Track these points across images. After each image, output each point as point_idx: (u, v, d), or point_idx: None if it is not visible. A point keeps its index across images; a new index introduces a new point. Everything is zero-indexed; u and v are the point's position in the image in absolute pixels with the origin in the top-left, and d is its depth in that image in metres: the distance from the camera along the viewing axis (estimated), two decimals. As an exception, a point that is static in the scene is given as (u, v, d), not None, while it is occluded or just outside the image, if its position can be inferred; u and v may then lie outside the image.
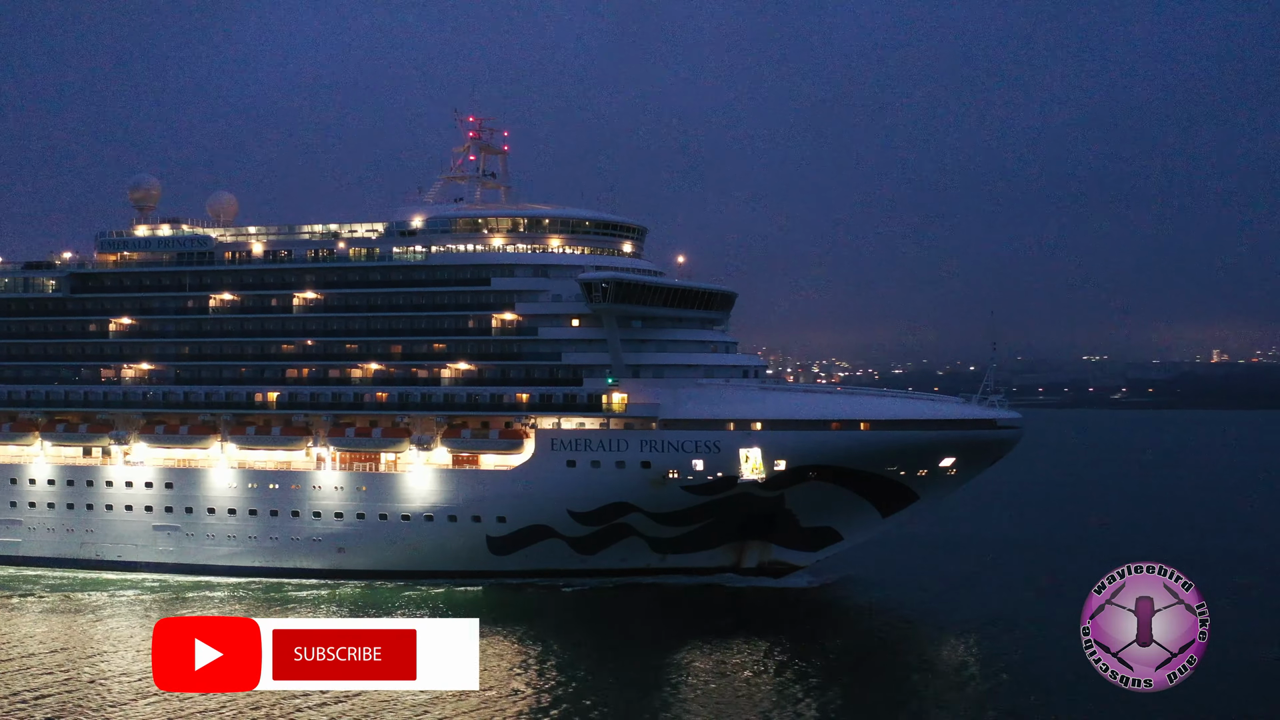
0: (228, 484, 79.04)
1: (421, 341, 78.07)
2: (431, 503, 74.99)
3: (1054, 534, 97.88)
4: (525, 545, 74.36)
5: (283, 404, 79.83)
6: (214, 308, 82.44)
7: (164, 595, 74.01)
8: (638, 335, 75.43)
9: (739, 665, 57.03)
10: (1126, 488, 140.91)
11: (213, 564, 78.91)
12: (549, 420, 74.83)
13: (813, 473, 72.25)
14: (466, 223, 78.81)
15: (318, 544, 76.78)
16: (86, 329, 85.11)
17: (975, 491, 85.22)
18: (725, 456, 71.58)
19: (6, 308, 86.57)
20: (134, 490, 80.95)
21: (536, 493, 73.44)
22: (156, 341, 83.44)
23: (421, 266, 78.27)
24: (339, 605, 70.29)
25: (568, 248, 78.41)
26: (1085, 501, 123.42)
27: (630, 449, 72.51)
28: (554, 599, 72.04)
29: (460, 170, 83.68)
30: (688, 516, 73.50)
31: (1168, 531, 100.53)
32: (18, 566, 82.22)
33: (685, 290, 76.68)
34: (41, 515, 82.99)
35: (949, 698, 52.99)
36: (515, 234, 78.40)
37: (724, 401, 73.49)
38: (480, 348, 77.03)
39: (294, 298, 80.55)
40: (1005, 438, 74.89)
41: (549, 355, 75.71)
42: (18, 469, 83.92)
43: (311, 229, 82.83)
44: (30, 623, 66.60)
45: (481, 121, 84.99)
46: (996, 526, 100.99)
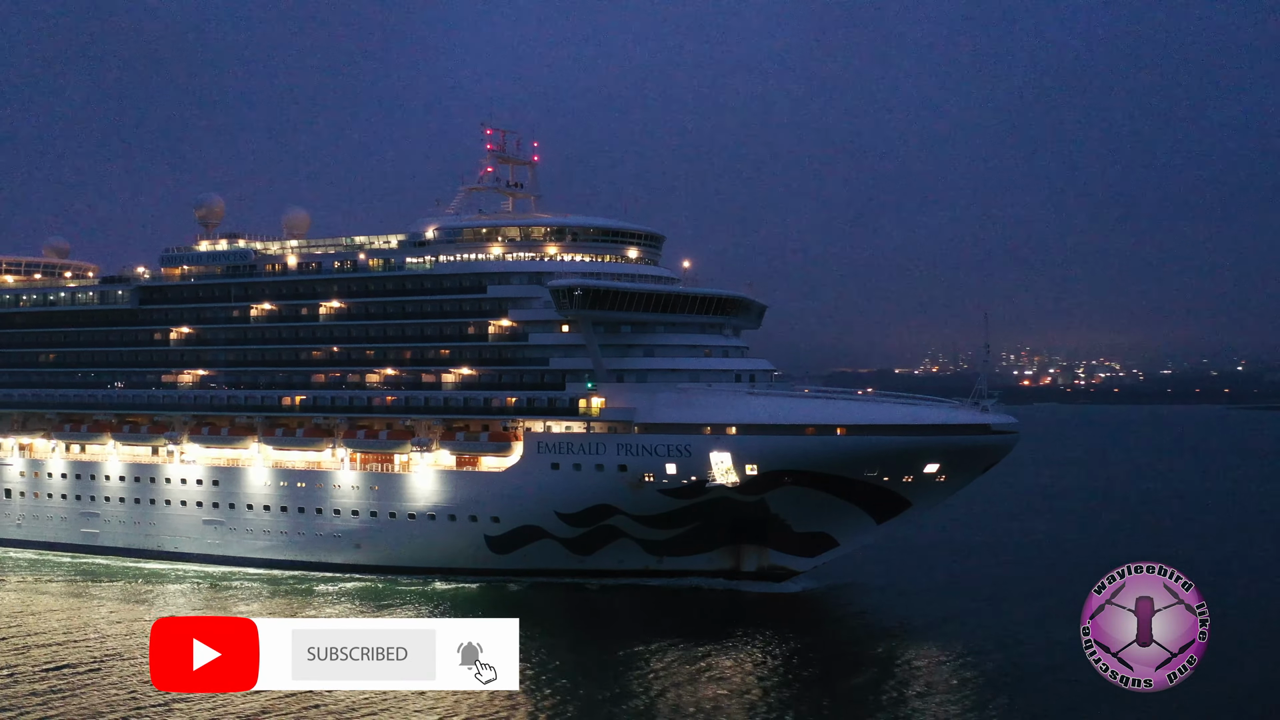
0: (262, 482, 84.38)
1: (429, 347, 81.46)
2: (434, 502, 78.16)
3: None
4: (522, 545, 76.55)
5: (306, 407, 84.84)
6: (254, 317, 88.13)
7: (207, 585, 79.57)
8: (624, 340, 76.60)
9: (717, 669, 57.14)
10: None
11: (250, 556, 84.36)
12: (538, 424, 76.84)
13: (787, 478, 71.75)
14: (471, 232, 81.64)
15: (338, 540, 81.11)
16: (151, 337, 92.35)
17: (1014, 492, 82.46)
18: (696, 460, 71.93)
19: (89, 318, 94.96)
20: (187, 487, 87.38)
21: (526, 494, 75.59)
22: (208, 349, 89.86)
23: (429, 275, 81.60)
24: (359, 600, 73.54)
25: (568, 255, 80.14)
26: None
27: (608, 452, 73.75)
28: (553, 596, 74.12)
29: (481, 181, 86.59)
30: (671, 520, 74.16)
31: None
32: (95, 555, 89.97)
33: (672, 296, 77.08)
34: (115, 509, 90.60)
35: (948, 698, 52.42)
36: (514, 243, 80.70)
37: (700, 406, 73.75)
38: (478, 353, 79.83)
39: (320, 307, 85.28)
40: (996, 443, 72.58)
41: (538, 360, 77.78)
42: (95, 466, 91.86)
43: (338, 241, 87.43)
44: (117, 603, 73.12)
45: (505, 134, 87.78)
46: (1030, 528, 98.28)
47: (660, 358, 76.61)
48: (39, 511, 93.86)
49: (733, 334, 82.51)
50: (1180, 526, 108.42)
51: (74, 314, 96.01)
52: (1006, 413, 74.55)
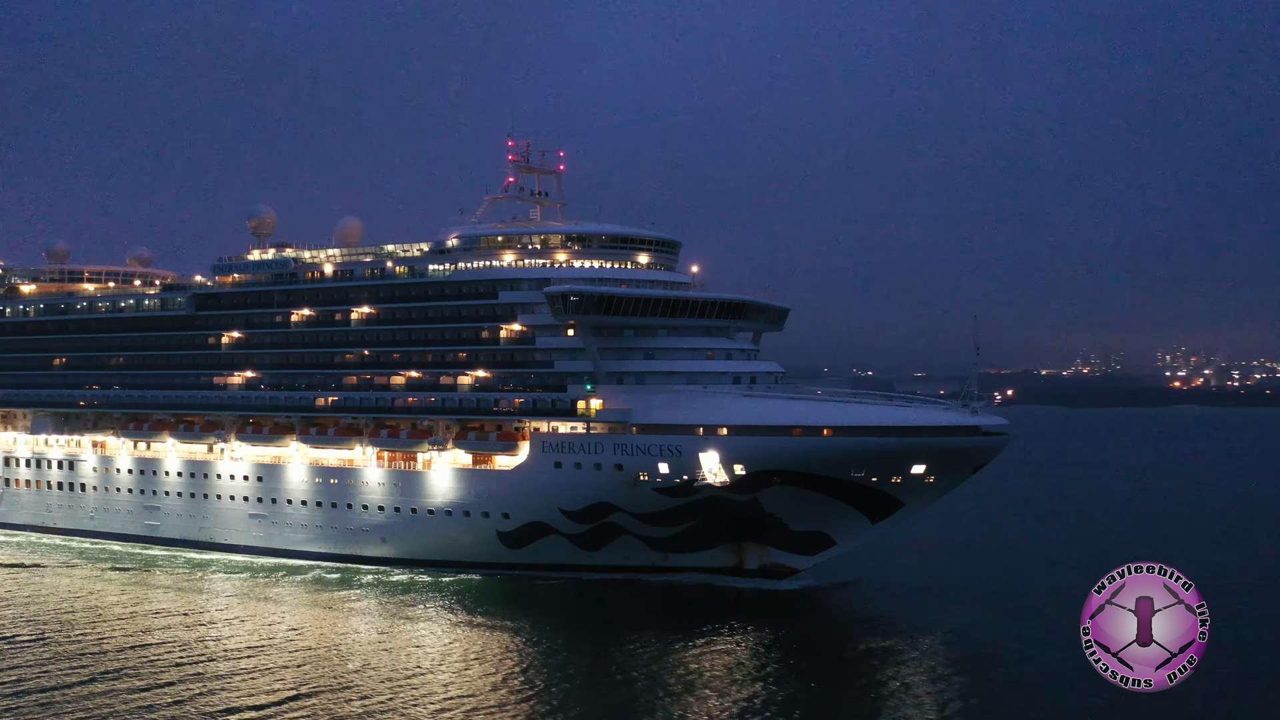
0: (300, 479, 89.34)
1: (447, 350, 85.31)
2: (451, 499, 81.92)
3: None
4: (532, 540, 79.78)
5: (338, 407, 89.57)
6: (294, 322, 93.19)
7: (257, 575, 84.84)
8: (626, 344, 79.22)
9: (716, 665, 58.71)
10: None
11: (291, 549, 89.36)
12: (544, 424, 79.98)
13: (777, 478, 73.47)
14: (488, 240, 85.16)
15: (366, 534, 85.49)
16: (206, 342, 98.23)
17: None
18: (686, 460, 74.15)
19: (151, 323, 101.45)
20: (235, 482, 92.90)
21: (532, 491, 78.83)
22: (255, 352, 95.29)
23: (448, 282, 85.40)
24: (384, 592, 77.18)
25: (579, 261, 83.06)
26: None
27: (605, 452, 76.49)
28: (559, 591, 77.46)
29: (505, 191, 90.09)
30: (669, 517, 76.52)
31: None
32: (156, 546, 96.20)
33: (672, 300, 79.33)
34: (173, 503, 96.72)
35: (946, 698, 53.27)
36: (529, 250, 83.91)
37: (694, 407, 75.90)
38: (492, 356, 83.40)
39: (352, 312, 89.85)
40: (983, 445, 73.21)
41: (544, 363, 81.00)
42: (157, 462, 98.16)
43: (370, 249, 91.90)
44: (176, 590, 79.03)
45: (529, 144, 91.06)
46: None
47: (660, 360, 79.05)
48: (108, 505, 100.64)
49: (748, 337, 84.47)
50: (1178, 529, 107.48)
51: (138, 320, 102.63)
52: (996, 414, 75.07)
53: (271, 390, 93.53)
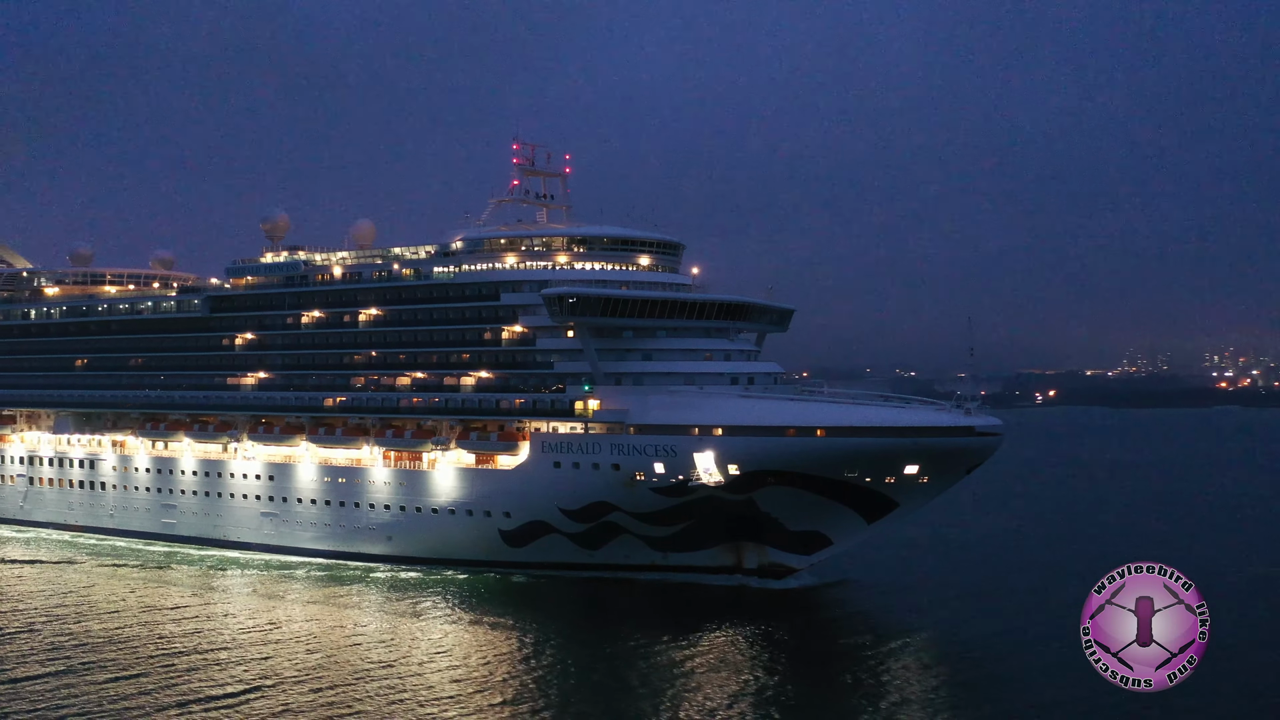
0: (309, 478, 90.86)
1: (451, 352, 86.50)
2: (454, 498, 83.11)
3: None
4: (533, 539, 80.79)
5: (345, 407, 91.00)
6: (305, 324, 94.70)
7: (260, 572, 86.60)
8: (624, 345, 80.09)
9: (715, 663, 59.46)
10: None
11: (300, 546, 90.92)
12: (543, 424, 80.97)
13: (771, 478, 74.05)
14: (491, 243, 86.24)
15: (373, 532, 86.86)
16: (220, 343, 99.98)
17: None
18: (681, 460, 74.88)
19: (167, 325, 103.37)
20: (247, 481, 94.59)
21: (532, 490, 79.87)
22: (267, 354, 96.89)
23: (452, 284, 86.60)
24: (391, 590, 78.42)
25: (580, 264, 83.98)
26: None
27: (602, 452, 77.37)
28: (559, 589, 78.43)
29: (510, 193, 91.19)
30: (666, 517, 77.27)
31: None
32: (173, 544, 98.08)
33: (670, 301, 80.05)
34: (189, 501, 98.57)
35: (944, 699, 53.69)
36: (531, 253, 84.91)
37: (690, 408, 76.61)
38: (494, 357, 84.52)
39: (360, 314, 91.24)
40: (976, 445, 73.44)
41: (544, 364, 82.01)
42: (173, 462, 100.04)
43: (379, 252, 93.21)
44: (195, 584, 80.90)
45: (535, 148, 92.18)
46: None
47: (658, 361, 79.85)
48: (127, 503, 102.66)
49: (751, 338, 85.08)
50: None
51: (155, 322, 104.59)
52: (991, 414, 75.23)
53: (282, 391, 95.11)
